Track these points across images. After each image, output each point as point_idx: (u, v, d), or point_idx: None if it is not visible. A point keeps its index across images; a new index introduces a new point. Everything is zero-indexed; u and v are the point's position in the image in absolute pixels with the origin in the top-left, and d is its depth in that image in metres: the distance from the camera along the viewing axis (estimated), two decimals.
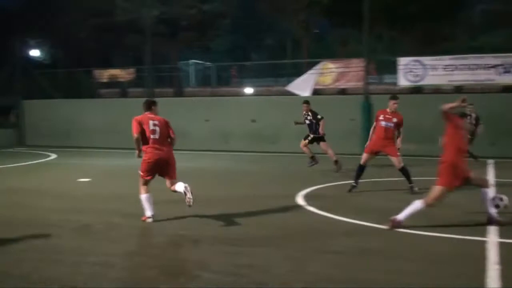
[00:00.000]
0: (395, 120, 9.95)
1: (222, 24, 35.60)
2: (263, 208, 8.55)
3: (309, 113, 13.61)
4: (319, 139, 13.49)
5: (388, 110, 10.08)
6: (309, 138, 13.61)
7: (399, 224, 6.82)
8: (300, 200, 9.12)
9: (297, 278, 5.02)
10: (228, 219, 7.69)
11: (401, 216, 6.88)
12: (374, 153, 10.12)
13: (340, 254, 5.81)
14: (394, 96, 10.43)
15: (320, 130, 13.38)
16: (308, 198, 9.29)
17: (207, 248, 6.11)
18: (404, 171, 9.94)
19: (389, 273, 5.16)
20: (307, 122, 13.68)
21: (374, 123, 10.22)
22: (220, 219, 7.68)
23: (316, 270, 5.25)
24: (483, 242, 6.15)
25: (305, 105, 13.81)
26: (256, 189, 10.70)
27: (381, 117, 9.99)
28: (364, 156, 10.07)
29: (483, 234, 6.55)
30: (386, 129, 9.92)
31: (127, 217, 7.74)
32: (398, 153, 9.95)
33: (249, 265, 5.38)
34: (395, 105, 10.04)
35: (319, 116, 13.42)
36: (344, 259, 5.63)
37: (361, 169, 10.04)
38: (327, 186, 10.67)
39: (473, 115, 14.48)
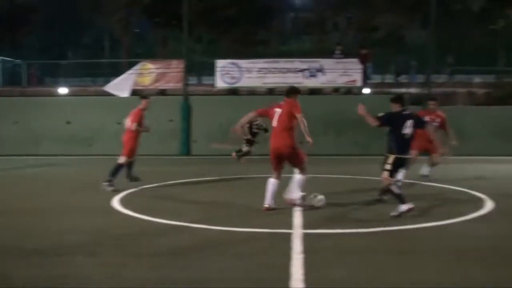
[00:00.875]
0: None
1: (35, 19, 33.34)
2: (77, 214, 8.23)
3: None
4: None
5: (141, 109, 10.60)
6: None
7: None
8: (116, 204, 8.93)
9: (114, 284, 4.93)
10: (37, 228, 7.26)
11: None
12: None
13: (156, 256, 5.83)
14: (144, 96, 11.21)
15: None
16: (123, 201, 9.15)
17: (14, 261, 5.69)
18: (118, 168, 10.39)
19: (202, 271, 5.30)
20: None
21: (132, 126, 10.41)
22: (28, 229, 7.21)
23: (132, 274, 5.20)
24: (289, 234, 6.62)
25: None
26: (69, 195, 10.23)
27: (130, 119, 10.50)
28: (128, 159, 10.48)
29: (289, 226, 7.07)
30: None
31: None
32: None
33: (64, 276, 5.13)
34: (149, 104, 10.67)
35: None
36: (159, 260, 5.65)
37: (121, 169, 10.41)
38: (142, 189, 10.58)
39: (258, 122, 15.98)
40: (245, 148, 15.22)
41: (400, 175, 10.01)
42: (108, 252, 6.00)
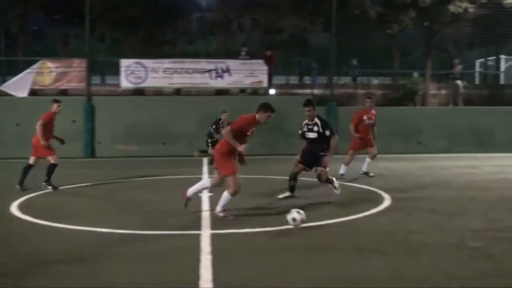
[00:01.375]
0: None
1: None
2: None
3: None
4: None
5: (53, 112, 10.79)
6: None
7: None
8: (14, 209, 8.50)
9: None
10: None
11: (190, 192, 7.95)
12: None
13: (60, 263, 5.60)
14: (56, 99, 11.23)
15: None
16: (23, 206, 8.74)
17: None
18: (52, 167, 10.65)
19: (109, 276, 5.19)
20: None
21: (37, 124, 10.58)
22: None
23: (34, 284, 4.98)
24: (198, 235, 6.62)
25: None
26: None
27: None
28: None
29: (198, 227, 7.08)
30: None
31: None
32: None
33: None
34: None
35: None
36: (63, 268, 5.45)
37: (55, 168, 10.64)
38: (43, 193, 10.18)
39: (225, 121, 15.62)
40: (211, 151, 14.90)
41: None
42: (6, 261, 5.69)
